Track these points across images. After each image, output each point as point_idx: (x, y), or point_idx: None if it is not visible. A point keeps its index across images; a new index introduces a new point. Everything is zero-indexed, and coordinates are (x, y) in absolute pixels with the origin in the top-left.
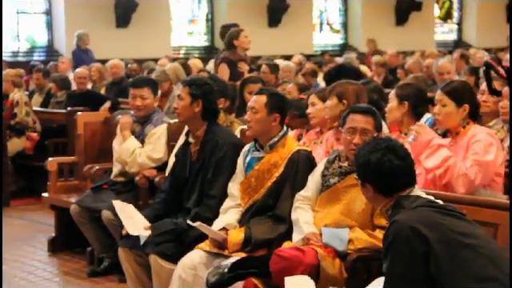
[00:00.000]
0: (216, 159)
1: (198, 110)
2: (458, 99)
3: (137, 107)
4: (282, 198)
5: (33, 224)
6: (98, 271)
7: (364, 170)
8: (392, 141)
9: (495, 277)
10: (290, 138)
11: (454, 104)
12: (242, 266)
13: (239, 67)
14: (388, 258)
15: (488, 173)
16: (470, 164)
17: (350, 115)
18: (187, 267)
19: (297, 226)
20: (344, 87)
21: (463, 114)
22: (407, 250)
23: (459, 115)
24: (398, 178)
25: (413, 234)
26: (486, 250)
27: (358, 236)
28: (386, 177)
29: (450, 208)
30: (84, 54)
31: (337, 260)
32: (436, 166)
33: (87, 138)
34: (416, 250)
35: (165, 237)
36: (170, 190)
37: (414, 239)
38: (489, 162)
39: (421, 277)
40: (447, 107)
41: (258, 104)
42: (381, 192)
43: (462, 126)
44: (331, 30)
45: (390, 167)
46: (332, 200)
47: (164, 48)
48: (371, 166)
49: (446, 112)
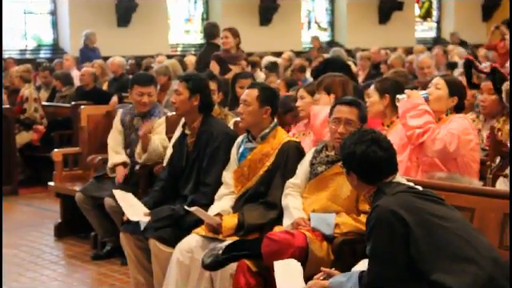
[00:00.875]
0: (211, 149)
1: (195, 104)
2: (451, 89)
3: (144, 104)
4: (273, 186)
5: (40, 211)
6: (101, 255)
7: (349, 160)
8: (376, 133)
9: (472, 258)
10: (280, 129)
11: (447, 91)
12: (236, 249)
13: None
14: (371, 241)
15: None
16: (447, 133)
17: (337, 107)
18: (184, 250)
19: (287, 211)
20: (331, 80)
21: (451, 104)
22: (388, 232)
23: (448, 103)
24: (381, 167)
25: (393, 218)
26: (463, 232)
27: (344, 220)
28: (369, 167)
29: (428, 193)
30: (91, 51)
31: (324, 243)
32: (418, 125)
33: (90, 130)
34: (396, 232)
35: (163, 222)
36: (168, 179)
37: (395, 222)
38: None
39: (401, 257)
40: (441, 91)
41: (251, 97)
42: (364, 180)
43: (445, 114)
44: (319, 28)
45: (374, 158)
46: (320, 187)
47: (162, 45)
48: (356, 156)
49: (438, 95)
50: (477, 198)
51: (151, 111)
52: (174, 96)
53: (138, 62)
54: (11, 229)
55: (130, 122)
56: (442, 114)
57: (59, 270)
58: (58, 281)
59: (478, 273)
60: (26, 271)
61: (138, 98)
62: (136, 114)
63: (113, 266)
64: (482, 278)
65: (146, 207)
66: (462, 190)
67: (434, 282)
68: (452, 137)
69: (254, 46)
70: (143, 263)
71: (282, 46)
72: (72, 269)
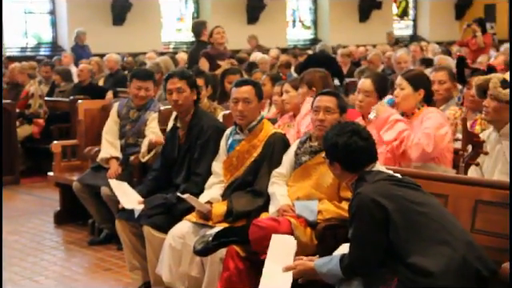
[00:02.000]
0: (202, 141)
1: (194, 99)
2: (415, 84)
3: (141, 97)
4: (260, 175)
5: (40, 199)
6: (98, 240)
7: (333, 151)
8: (355, 124)
9: (447, 241)
10: (266, 121)
11: (411, 88)
12: (225, 235)
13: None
14: (352, 226)
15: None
16: (422, 135)
17: (317, 97)
18: (176, 236)
19: (273, 198)
20: (311, 76)
21: (418, 97)
22: (368, 218)
23: (415, 98)
24: (362, 156)
25: (373, 205)
26: (439, 217)
27: (327, 207)
28: (352, 156)
29: (406, 181)
30: (81, 49)
31: (308, 229)
32: (393, 138)
33: (87, 123)
34: (376, 218)
35: (156, 210)
36: (161, 169)
37: (375, 209)
38: (439, 136)
39: (380, 242)
40: (405, 90)
41: (251, 94)
42: (347, 169)
43: (417, 108)
44: (303, 26)
45: (355, 148)
46: (304, 176)
47: (155, 43)
48: (339, 147)
49: (404, 94)
50: (450, 185)
51: (147, 105)
52: (176, 94)
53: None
54: (13, 216)
55: (125, 114)
56: (414, 110)
57: (59, 255)
58: (57, 265)
59: (453, 255)
60: (27, 256)
61: (135, 92)
62: (132, 107)
63: (109, 251)
64: (456, 259)
65: (140, 196)
66: (436, 177)
67: (412, 264)
68: (428, 138)
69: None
70: (138, 248)
71: (269, 43)
72: (71, 254)
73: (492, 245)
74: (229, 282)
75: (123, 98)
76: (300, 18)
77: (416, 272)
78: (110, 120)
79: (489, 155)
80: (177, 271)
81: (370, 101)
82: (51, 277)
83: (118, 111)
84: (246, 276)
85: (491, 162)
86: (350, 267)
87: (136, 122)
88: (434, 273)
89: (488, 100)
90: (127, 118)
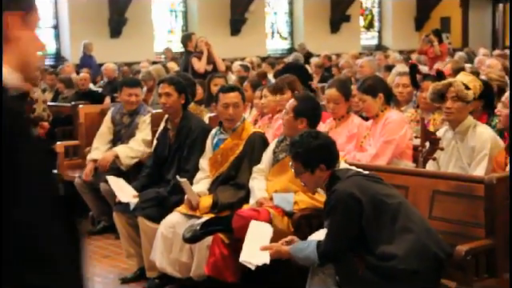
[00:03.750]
0: (190, 141)
1: (182, 103)
2: (372, 93)
3: (131, 103)
4: (242, 170)
5: None
6: (98, 231)
7: (312, 156)
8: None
9: (409, 228)
10: (247, 122)
11: (370, 97)
12: (211, 224)
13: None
14: (329, 218)
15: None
16: (380, 144)
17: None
18: (168, 226)
19: (252, 192)
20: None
21: (379, 101)
22: (345, 211)
23: (377, 103)
24: (335, 151)
25: (350, 199)
26: (402, 207)
27: (302, 199)
28: (329, 152)
29: (373, 176)
30: (89, 58)
31: (285, 218)
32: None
33: (87, 125)
34: (353, 211)
35: (149, 203)
36: (153, 166)
37: (352, 202)
38: (400, 138)
39: (354, 231)
40: (366, 102)
41: (239, 99)
42: (329, 167)
43: (381, 110)
44: (280, 37)
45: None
46: (281, 171)
47: (149, 53)
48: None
49: (366, 105)
50: (411, 177)
51: (137, 109)
52: (165, 98)
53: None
54: None
55: (119, 120)
56: (379, 112)
57: None
58: None
59: (414, 240)
60: None
61: (126, 98)
62: (125, 113)
63: (107, 240)
64: (417, 244)
65: (135, 190)
66: (398, 171)
67: (379, 251)
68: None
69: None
70: (133, 237)
71: (250, 52)
72: None
73: (447, 230)
74: (215, 267)
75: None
76: (278, 29)
77: (381, 258)
78: (104, 126)
79: (444, 151)
80: (168, 257)
81: (340, 106)
82: None
83: (112, 117)
84: (230, 261)
85: (446, 157)
86: (326, 254)
87: (129, 126)
88: (398, 256)
89: (450, 101)
90: (121, 124)
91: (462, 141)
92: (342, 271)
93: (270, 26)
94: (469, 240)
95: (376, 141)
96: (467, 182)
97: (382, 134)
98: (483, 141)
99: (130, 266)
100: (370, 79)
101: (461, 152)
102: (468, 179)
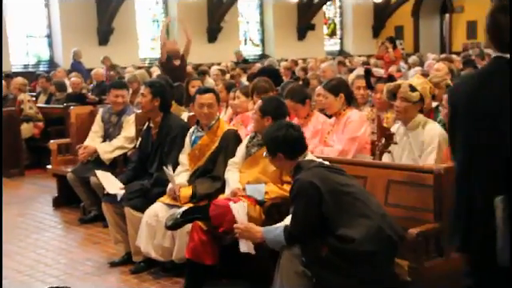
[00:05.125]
0: (170, 138)
1: (156, 105)
2: (334, 91)
3: (118, 103)
4: (218, 163)
5: (41, 187)
6: (88, 220)
7: (275, 143)
8: (287, 121)
9: (366, 214)
10: (222, 120)
11: (332, 95)
12: (190, 213)
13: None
14: (293, 204)
15: (361, 141)
16: (345, 141)
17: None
18: (151, 215)
19: (227, 183)
20: (253, 85)
21: (340, 101)
22: (307, 199)
23: (338, 102)
24: (299, 144)
25: (310, 187)
26: (360, 195)
27: (272, 189)
28: (292, 144)
29: (333, 167)
30: (79, 64)
31: (257, 206)
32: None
33: (78, 125)
34: (313, 198)
35: (135, 194)
36: (138, 161)
37: (312, 191)
38: (361, 135)
39: (315, 217)
40: (328, 99)
41: (213, 100)
42: (289, 157)
43: (343, 109)
44: (253, 44)
45: (293, 137)
46: (253, 164)
47: (134, 59)
48: (280, 139)
49: (327, 102)
50: (368, 168)
51: (124, 110)
52: (140, 97)
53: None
54: (18, 202)
55: (108, 119)
56: (340, 111)
57: (57, 232)
58: (56, 240)
59: (371, 225)
60: (30, 234)
61: (113, 99)
62: (113, 112)
63: (97, 228)
64: (373, 228)
65: (121, 183)
66: (357, 163)
67: (339, 234)
68: (351, 144)
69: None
70: (120, 225)
71: (225, 58)
72: (66, 231)
73: (401, 215)
74: (194, 251)
75: (106, 104)
76: (250, 37)
77: (342, 240)
78: (96, 124)
79: (398, 145)
80: (152, 243)
81: (299, 111)
82: (51, 250)
83: (102, 116)
84: (208, 246)
85: (400, 150)
86: (291, 236)
87: (116, 125)
88: (356, 239)
89: (399, 101)
90: (109, 122)
91: (414, 136)
92: (307, 253)
93: (243, 34)
94: (420, 224)
95: (339, 137)
96: (418, 173)
97: (345, 132)
98: (432, 136)
99: (117, 251)
100: (335, 80)
101: (412, 146)
102: (419, 170)
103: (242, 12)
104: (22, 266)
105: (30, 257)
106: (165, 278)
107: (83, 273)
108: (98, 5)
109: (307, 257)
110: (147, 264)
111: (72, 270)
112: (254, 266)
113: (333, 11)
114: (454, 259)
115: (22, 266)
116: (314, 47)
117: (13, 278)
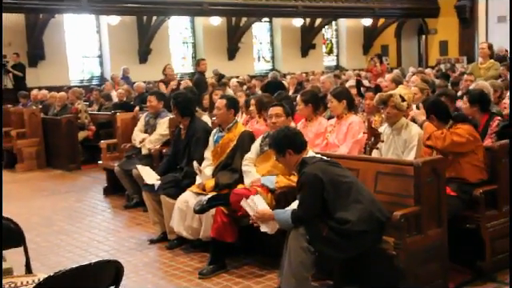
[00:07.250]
0: (196, 138)
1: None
2: (338, 98)
3: (149, 106)
4: (236, 159)
5: (94, 179)
6: (131, 205)
7: (286, 142)
8: (287, 126)
9: (359, 200)
10: (239, 123)
11: (336, 100)
12: (214, 200)
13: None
14: (300, 193)
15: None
16: (351, 144)
17: (270, 108)
18: (183, 201)
19: (248, 175)
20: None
21: (343, 105)
22: (311, 188)
23: (341, 107)
24: (300, 138)
25: (315, 179)
26: (354, 184)
27: (281, 180)
28: (296, 139)
29: (332, 161)
30: (127, 78)
31: (269, 194)
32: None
33: (123, 128)
34: (316, 188)
35: (169, 184)
36: (171, 156)
37: (315, 181)
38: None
39: (318, 203)
40: (333, 103)
41: (221, 105)
42: (296, 152)
43: (344, 113)
44: (264, 60)
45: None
46: (266, 160)
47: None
48: (287, 138)
49: (332, 106)
50: (360, 162)
51: (159, 113)
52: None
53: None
54: (76, 191)
55: (147, 121)
56: (343, 114)
57: (106, 216)
58: (106, 222)
59: (363, 208)
60: (86, 216)
61: (148, 104)
62: (151, 116)
63: (139, 212)
64: (365, 211)
65: (157, 175)
66: (351, 158)
67: (337, 217)
68: (354, 146)
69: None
70: (157, 210)
71: (242, 72)
72: (114, 215)
73: (387, 200)
74: (217, 231)
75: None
76: (263, 55)
77: (340, 222)
78: (139, 125)
79: (385, 142)
80: (183, 224)
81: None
82: (102, 230)
83: (145, 120)
84: (229, 226)
85: (386, 147)
86: (298, 218)
87: (153, 126)
88: (351, 221)
89: (390, 108)
90: (149, 124)
91: (398, 135)
92: (311, 232)
93: (257, 53)
94: (402, 207)
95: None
96: (401, 165)
97: (349, 136)
98: (412, 135)
99: (155, 231)
100: (341, 88)
101: (396, 143)
102: (402, 163)
103: (256, 34)
104: (79, 243)
105: (85, 235)
106: (194, 253)
107: (128, 248)
108: (138, 30)
109: (311, 235)
110: (179, 241)
111: (119, 246)
112: (267, 243)
113: (330, 33)
114: (430, 236)
115: (79, 242)
116: (314, 63)
117: (73, 253)
